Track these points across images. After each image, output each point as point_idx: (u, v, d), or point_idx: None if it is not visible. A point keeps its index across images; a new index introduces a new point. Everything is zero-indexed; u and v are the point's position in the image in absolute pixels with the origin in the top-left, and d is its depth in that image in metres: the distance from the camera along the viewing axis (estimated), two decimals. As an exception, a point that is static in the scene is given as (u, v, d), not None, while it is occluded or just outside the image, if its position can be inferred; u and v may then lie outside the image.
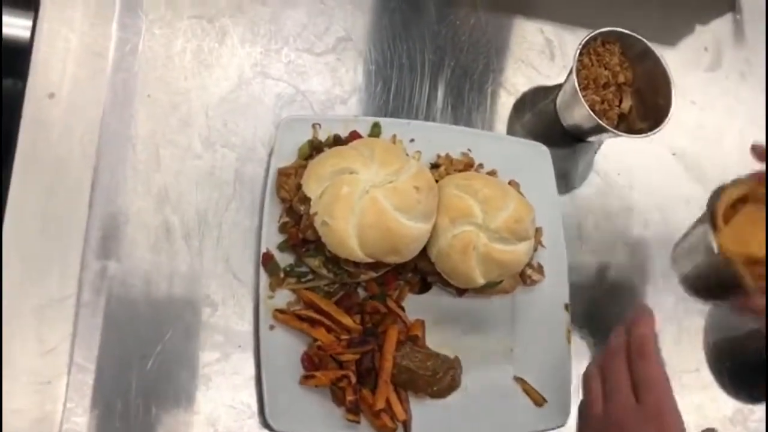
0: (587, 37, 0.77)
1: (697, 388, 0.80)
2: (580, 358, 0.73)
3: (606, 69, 0.81)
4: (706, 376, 0.81)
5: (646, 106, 0.81)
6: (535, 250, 0.71)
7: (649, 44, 0.80)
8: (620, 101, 0.82)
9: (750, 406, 0.81)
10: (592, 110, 0.76)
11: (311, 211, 0.62)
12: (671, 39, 0.94)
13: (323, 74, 0.76)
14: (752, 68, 0.96)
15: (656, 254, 0.83)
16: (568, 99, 0.79)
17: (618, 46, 0.82)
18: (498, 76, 0.84)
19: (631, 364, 0.57)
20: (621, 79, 0.82)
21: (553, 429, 0.70)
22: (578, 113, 0.77)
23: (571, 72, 0.76)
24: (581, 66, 0.80)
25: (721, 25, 0.98)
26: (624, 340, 0.59)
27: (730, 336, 0.83)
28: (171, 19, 0.72)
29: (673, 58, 0.91)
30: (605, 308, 0.79)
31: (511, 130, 0.82)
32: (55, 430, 0.58)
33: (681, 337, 0.81)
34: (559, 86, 0.82)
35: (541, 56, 0.87)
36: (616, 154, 0.85)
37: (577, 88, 0.74)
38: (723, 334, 0.83)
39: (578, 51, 0.76)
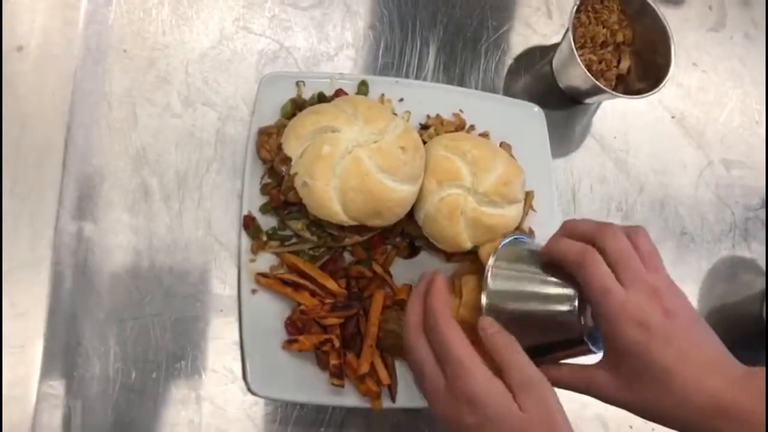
0: (585, -7, 0.74)
1: None
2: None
3: (604, 27, 0.78)
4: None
5: (645, 65, 0.78)
6: (526, 214, 0.69)
7: (650, 1, 0.76)
8: (618, 61, 0.79)
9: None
10: (589, 70, 0.73)
11: (292, 172, 0.60)
12: (676, -4, 0.91)
13: (309, 30, 0.73)
14: (758, 29, 0.93)
15: (650, 219, 0.81)
16: (564, 59, 0.76)
17: (617, 3, 0.78)
18: (492, 34, 0.81)
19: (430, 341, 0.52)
20: (619, 37, 0.78)
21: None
22: (574, 73, 0.74)
23: (567, 30, 0.73)
24: (578, 24, 0.77)
25: (728, -18, 0.94)
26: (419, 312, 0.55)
27: (724, 303, 0.82)
28: (148, -31, 0.69)
29: (675, 17, 0.88)
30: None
31: (505, 91, 0.79)
32: (30, 394, 0.57)
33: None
34: (556, 46, 0.79)
35: (537, 14, 0.83)
36: (614, 117, 0.83)
37: (574, 48, 0.71)
38: (717, 302, 0.82)
39: (575, 8, 0.73)
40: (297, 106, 0.66)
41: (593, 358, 0.53)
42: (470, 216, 0.62)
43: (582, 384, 0.53)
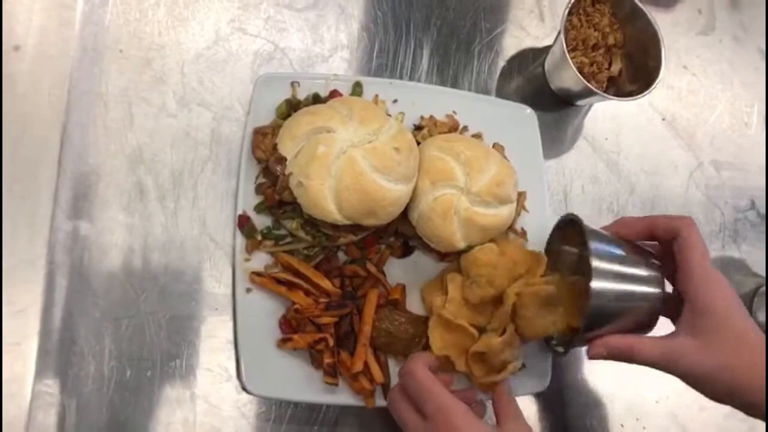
0: (577, -4, 0.75)
1: None
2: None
3: (596, 30, 0.79)
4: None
5: (636, 68, 0.79)
6: (518, 214, 0.70)
7: (640, 4, 0.77)
8: (610, 64, 0.80)
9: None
10: (581, 73, 0.74)
11: (287, 172, 0.60)
12: (666, 0, 0.92)
13: (304, 31, 0.74)
14: (747, 33, 0.94)
15: (641, 220, 0.81)
16: (556, 61, 0.77)
17: (608, 6, 0.79)
18: (486, 36, 0.81)
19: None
20: (611, 40, 0.79)
21: (532, 393, 0.69)
22: (566, 76, 0.75)
23: (559, 33, 0.73)
24: (570, 26, 0.78)
25: (717, -14, 0.95)
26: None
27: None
28: (144, -29, 0.69)
29: (666, 20, 0.89)
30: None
31: (498, 93, 0.80)
32: (25, 391, 0.57)
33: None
34: (548, 48, 0.80)
35: (530, 16, 0.84)
36: (605, 119, 0.84)
37: (566, 50, 0.72)
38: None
39: (567, 10, 0.74)
40: (292, 107, 0.66)
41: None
42: (463, 216, 0.63)
43: (665, 352, 0.56)
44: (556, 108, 0.82)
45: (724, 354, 0.54)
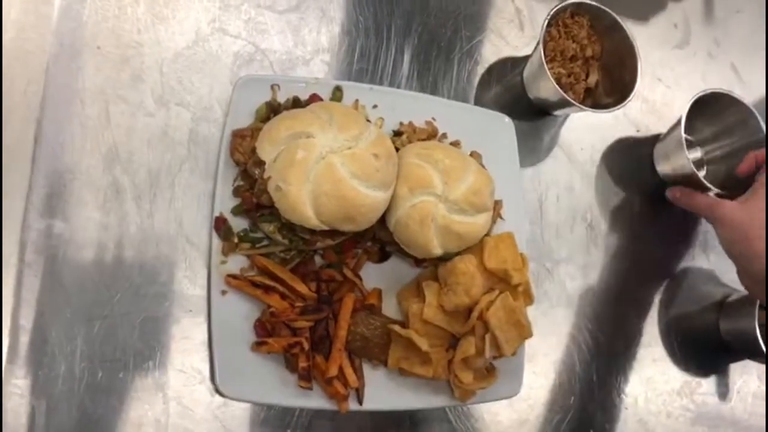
0: (556, 8, 0.76)
1: (648, 361, 0.81)
2: (535, 330, 0.73)
3: (574, 42, 0.80)
4: (658, 350, 0.83)
5: (613, 80, 0.81)
6: (494, 222, 0.71)
7: (618, 18, 0.79)
8: (587, 75, 0.82)
9: (697, 379, 0.83)
10: (558, 83, 0.75)
11: (265, 175, 0.60)
12: (643, 14, 0.94)
13: (285, 33, 0.74)
14: (720, 48, 0.97)
15: (613, 229, 0.83)
16: (534, 71, 0.78)
17: (587, 19, 0.81)
18: (466, 44, 0.82)
19: None
20: (588, 52, 0.81)
21: (505, 399, 0.70)
22: (544, 86, 0.76)
23: (538, 43, 0.75)
24: (549, 38, 0.79)
25: (692, 3, 0.97)
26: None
27: (683, 312, 0.84)
28: (124, -33, 0.69)
29: (642, 34, 0.91)
30: (562, 282, 0.79)
31: (477, 101, 0.81)
32: (-6, 392, 0.56)
33: (634, 314, 0.82)
34: (527, 58, 0.81)
35: (510, 26, 0.85)
36: (581, 129, 0.85)
37: (544, 61, 0.73)
38: (676, 311, 0.84)
39: (546, 22, 0.75)
40: (272, 110, 0.66)
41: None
42: (441, 223, 0.63)
43: (736, 212, 0.73)
44: (533, 117, 0.83)
45: (757, 211, 0.72)
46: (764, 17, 0.99)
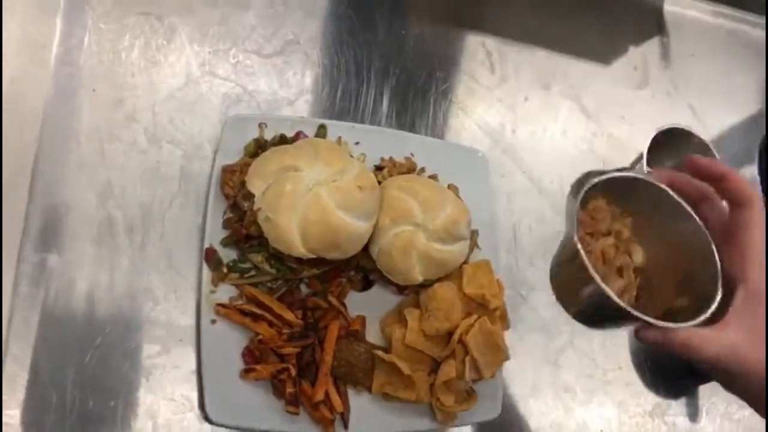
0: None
1: (620, 384, 0.84)
2: (512, 353, 0.76)
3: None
4: (629, 373, 0.86)
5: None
6: (471, 251, 0.74)
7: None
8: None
9: (668, 401, 0.86)
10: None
11: (255, 207, 0.63)
12: (605, 57, 1.00)
13: (271, 76, 0.78)
14: (677, 89, 1.03)
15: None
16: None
17: None
18: (441, 85, 0.87)
19: None
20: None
21: (485, 420, 0.73)
22: None
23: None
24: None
25: (650, 46, 1.04)
26: None
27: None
28: (119, 15, 0.73)
29: (605, 75, 0.98)
30: (535, 308, 0.83)
31: (453, 137, 0.85)
32: (-14, 423, 0.57)
33: (606, 338, 0.86)
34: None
35: (481, 68, 0.91)
36: (550, 162, 0.90)
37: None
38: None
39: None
40: (259, 146, 0.70)
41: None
42: (421, 251, 0.67)
43: (714, 346, 0.49)
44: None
45: None
46: (717, 60, 1.06)
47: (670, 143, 0.88)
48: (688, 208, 0.56)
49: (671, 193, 0.56)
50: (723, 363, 0.50)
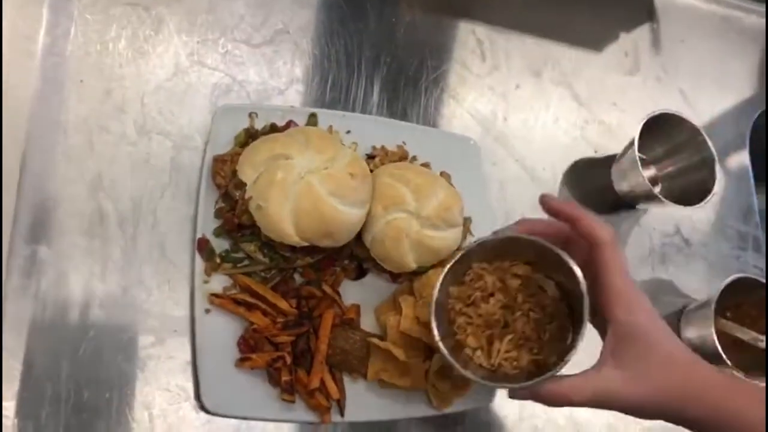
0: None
1: None
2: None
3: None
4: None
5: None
6: (464, 238, 0.74)
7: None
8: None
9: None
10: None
11: (246, 196, 0.63)
12: (596, 44, 1.00)
13: (260, 65, 0.77)
14: (668, 74, 1.03)
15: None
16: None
17: None
18: (432, 74, 0.87)
19: None
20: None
21: (480, 406, 0.73)
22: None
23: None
24: None
25: (641, 32, 1.04)
26: None
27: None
28: (105, 5, 0.72)
29: (597, 62, 0.98)
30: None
31: (444, 126, 0.85)
32: (-21, 416, 0.57)
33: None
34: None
35: (472, 56, 0.90)
36: (543, 151, 0.90)
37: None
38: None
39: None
40: (250, 136, 0.70)
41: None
42: (414, 238, 0.67)
43: (587, 390, 0.51)
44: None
45: (656, 380, 0.51)
46: (708, 46, 1.06)
47: (661, 129, 0.88)
48: (565, 257, 0.54)
49: (545, 243, 0.54)
50: (605, 405, 0.51)
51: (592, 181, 0.92)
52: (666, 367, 0.51)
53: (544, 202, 0.56)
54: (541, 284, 0.57)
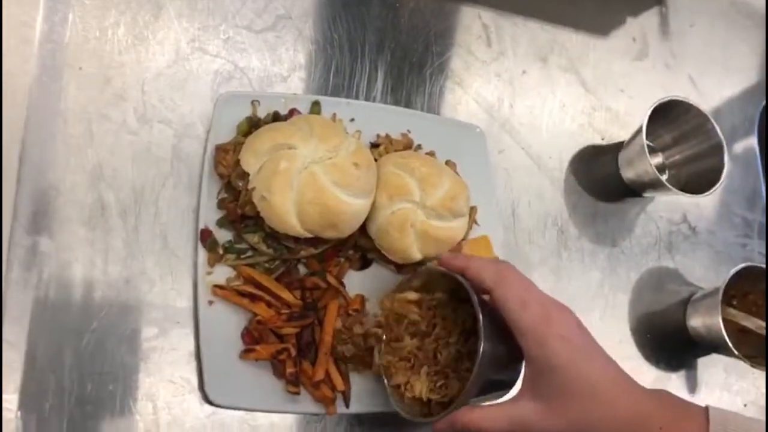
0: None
1: (620, 358, 0.82)
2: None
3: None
4: (630, 347, 0.86)
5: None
6: (470, 227, 0.74)
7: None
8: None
9: (668, 374, 0.86)
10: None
11: (249, 186, 0.62)
12: (603, 28, 0.98)
13: (262, 52, 0.76)
14: (676, 59, 1.02)
15: (583, 233, 0.87)
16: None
17: None
18: (437, 60, 0.86)
19: None
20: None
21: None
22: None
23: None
24: None
25: (649, 17, 1.02)
26: None
27: (651, 310, 0.88)
28: (103, -9, 0.70)
29: (604, 47, 0.96)
30: (536, 284, 0.82)
31: (449, 113, 0.84)
32: (-17, 408, 0.57)
33: (606, 312, 0.86)
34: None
35: (477, 41, 0.89)
36: (549, 138, 0.89)
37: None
38: (645, 309, 0.88)
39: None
40: (253, 124, 0.68)
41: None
42: (419, 228, 0.66)
43: (503, 420, 0.52)
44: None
45: (573, 413, 0.50)
46: (717, 31, 1.05)
47: (669, 116, 0.87)
48: (467, 287, 0.56)
49: (455, 275, 0.57)
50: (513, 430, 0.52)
51: (598, 169, 0.91)
52: (586, 401, 0.50)
53: (440, 262, 0.59)
54: (459, 314, 0.60)
